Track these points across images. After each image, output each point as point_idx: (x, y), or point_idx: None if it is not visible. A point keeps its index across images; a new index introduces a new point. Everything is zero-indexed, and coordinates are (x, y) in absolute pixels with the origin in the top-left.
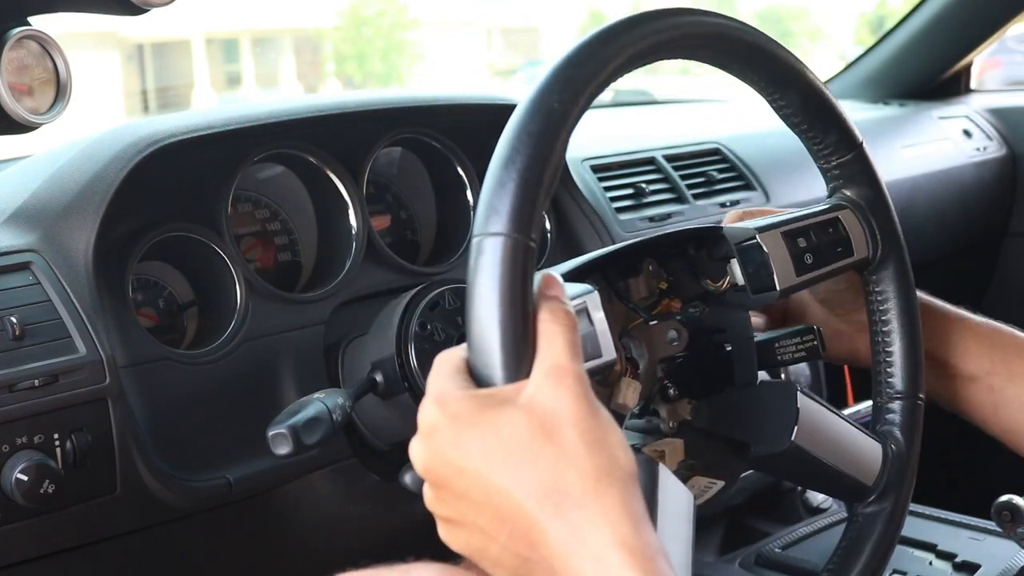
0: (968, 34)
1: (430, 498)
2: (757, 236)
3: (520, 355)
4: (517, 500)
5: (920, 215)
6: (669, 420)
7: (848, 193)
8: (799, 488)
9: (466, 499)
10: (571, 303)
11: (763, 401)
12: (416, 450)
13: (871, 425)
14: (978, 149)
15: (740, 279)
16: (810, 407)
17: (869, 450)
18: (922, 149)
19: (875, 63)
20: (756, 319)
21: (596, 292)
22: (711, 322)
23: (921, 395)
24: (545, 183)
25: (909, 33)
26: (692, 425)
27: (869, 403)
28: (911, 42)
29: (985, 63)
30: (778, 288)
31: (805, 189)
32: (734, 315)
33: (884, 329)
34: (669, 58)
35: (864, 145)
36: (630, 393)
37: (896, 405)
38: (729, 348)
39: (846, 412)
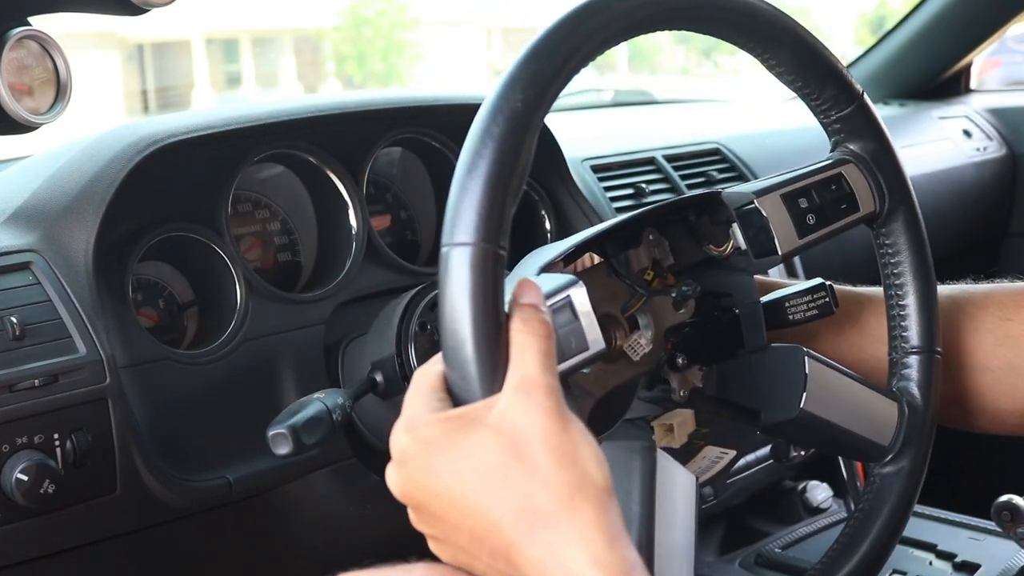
0: (968, 34)
1: (413, 518)
2: (755, 200)
3: (494, 368)
4: (492, 521)
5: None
6: (680, 389)
7: (851, 147)
8: (799, 488)
9: (445, 521)
10: (554, 299)
11: (772, 367)
12: (391, 476)
13: (887, 382)
14: (978, 149)
15: (743, 243)
16: (819, 371)
17: (883, 409)
18: (922, 149)
19: (875, 63)
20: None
21: (582, 283)
22: (717, 287)
23: (938, 349)
24: (512, 188)
25: (909, 33)
26: (703, 392)
27: None
28: (911, 42)
29: (985, 63)
30: (780, 252)
31: None
32: (739, 279)
33: (897, 283)
34: (648, 33)
35: (864, 96)
36: (642, 343)
37: (912, 360)
38: (736, 311)
39: None
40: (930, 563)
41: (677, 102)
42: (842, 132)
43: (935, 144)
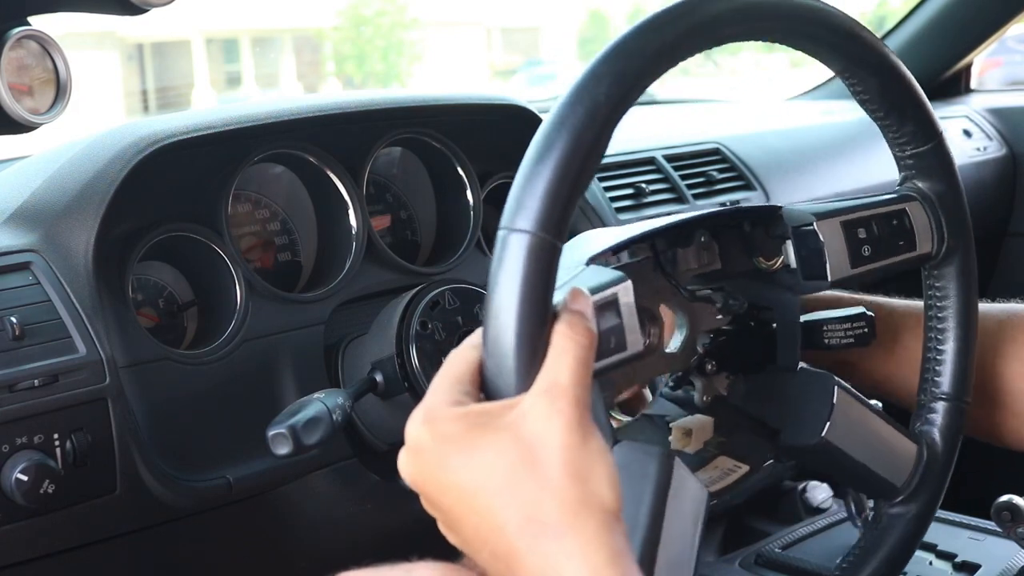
0: (968, 34)
1: (424, 503)
2: (815, 223)
3: (532, 362)
4: (498, 524)
5: None
6: (704, 394)
7: (919, 184)
8: (799, 488)
9: (452, 514)
10: (601, 294)
11: (799, 390)
12: (403, 463)
13: (911, 423)
14: (978, 149)
15: (794, 261)
16: (846, 402)
17: (903, 450)
18: None
19: None
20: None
21: (630, 281)
22: (759, 300)
23: (967, 399)
24: (581, 182)
25: (909, 33)
26: (726, 401)
27: None
28: (911, 42)
29: (985, 63)
30: (829, 279)
31: (805, 189)
32: (783, 296)
33: (939, 327)
34: (736, 41)
35: (943, 136)
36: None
37: (939, 406)
38: (774, 327)
39: None
40: (930, 563)
41: (677, 102)
42: (914, 169)
43: None
